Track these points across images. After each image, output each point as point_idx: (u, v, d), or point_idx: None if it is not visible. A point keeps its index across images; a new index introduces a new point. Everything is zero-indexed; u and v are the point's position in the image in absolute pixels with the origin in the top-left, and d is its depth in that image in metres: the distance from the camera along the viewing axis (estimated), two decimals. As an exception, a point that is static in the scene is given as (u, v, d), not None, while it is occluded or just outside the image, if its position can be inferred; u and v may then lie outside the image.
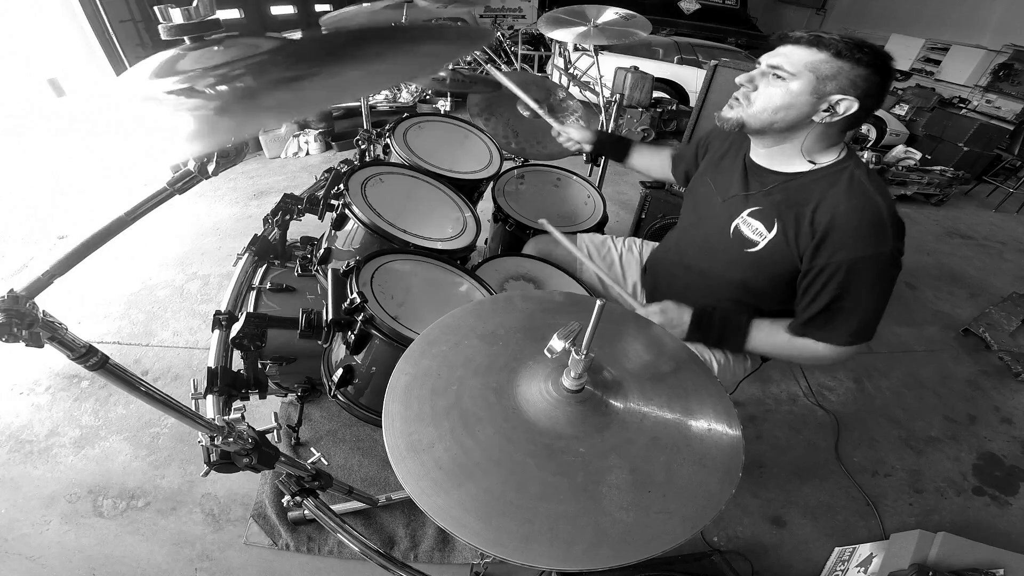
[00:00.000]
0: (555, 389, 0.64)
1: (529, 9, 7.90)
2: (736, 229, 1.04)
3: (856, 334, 0.94)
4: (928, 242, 3.79)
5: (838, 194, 0.91)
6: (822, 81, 0.88)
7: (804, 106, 0.90)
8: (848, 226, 0.88)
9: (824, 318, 0.95)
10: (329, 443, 1.65)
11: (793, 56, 0.89)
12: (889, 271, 0.90)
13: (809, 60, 0.88)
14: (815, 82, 0.88)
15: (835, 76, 0.87)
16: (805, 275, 0.95)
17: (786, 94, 0.90)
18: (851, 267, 0.89)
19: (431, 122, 1.59)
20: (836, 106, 0.89)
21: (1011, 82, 6.20)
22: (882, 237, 0.88)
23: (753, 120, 0.96)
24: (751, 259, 1.02)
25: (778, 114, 0.92)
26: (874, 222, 0.88)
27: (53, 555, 1.35)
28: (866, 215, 0.88)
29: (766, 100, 0.93)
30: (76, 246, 0.76)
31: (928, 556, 1.28)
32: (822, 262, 0.91)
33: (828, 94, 0.88)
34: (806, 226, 0.93)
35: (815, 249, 0.92)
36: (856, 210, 0.89)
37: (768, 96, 0.93)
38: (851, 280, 0.90)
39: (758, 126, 0.96)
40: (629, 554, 0.52)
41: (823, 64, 0.87)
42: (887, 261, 0.89)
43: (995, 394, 2.27)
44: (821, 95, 0.88)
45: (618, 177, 3.93)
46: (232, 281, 1.23)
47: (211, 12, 0.53)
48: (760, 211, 1.01)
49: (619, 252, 1.45)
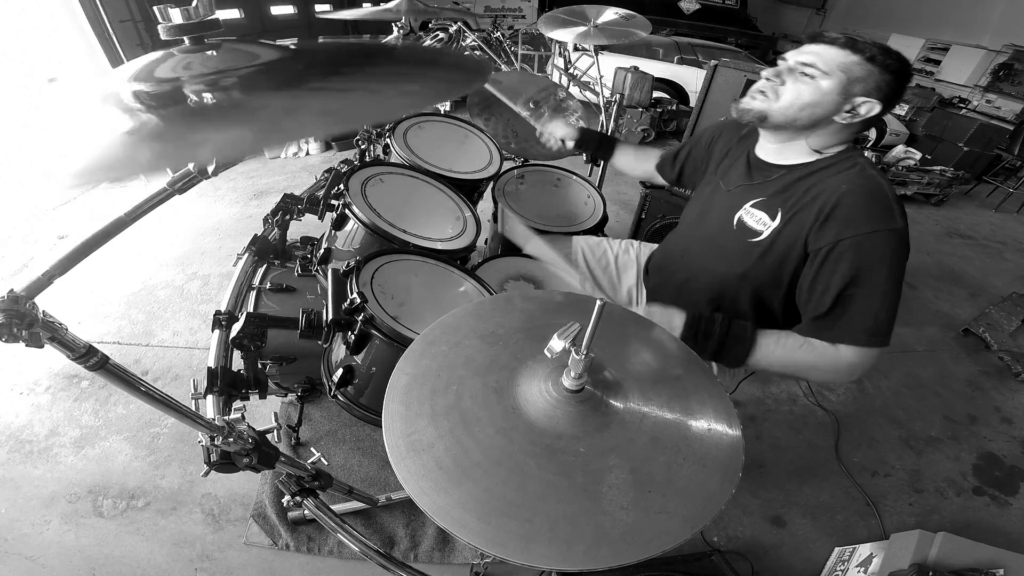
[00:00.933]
0: (555, 389, 0.64)
1: (529, 9, 7.91)
2: (739, 220, 1.03)
3: (874, 331, 0.87)
4: (928, 242, 3.79)
5: (842, 177, 0.91)
6: (852, 83, 0.88)
7: (830, 105, 0.91)
8: (855, 203, 0.88)
9: (837, 311, 0.89)
10: (329, 443, 1.65)
11: (826, 55, 0.90)
12: (900, 250, 0.87)
13: (843, 61, 0.88)
14: (845, 83, 0.89)
15: (864, 79, 0.88)
16: (813, 259, 0.92)
17: (815, 92, 0.91)
18: (861, 245, 0.86)
19: (431, 122, 1.59)
20: (859, 108, 0.90)
21: (1011, 82, 6.20)
22: (890, 214, 0.87)
23: (778, 114, 0.95)
24: (755, 250, 1.01)
25: (804, 111, 0.93)
26: (880, 200, 0.88)
27: (53, 555, 1.35)
28: (873, 194, 0.88)
29: (794, 96, 0.93)
30: (76, 246, 0.76)
31: (928, 556, 1.28)
32: (830, 239, 0.88)
33: (854, 95, 0.89)
34: (811, 209, 0.92)
35: (821, 227, 0.90)
36: (862, 189, 0.88)
37: (797, 92, 0.93)
38: (862, 260, 0.86)
39: (781, 121, 0.96)
40: (629, 554, 0.52)
41: (856, 67, 0.88)
42: (898, 239, 0.86)
43: (995, 394, 2.27)
44: (848, 96, 0.89)
45: (618, 177, 3.92)
46: (232, 281, 1.23)
47: (211, 12, 0.53)
48: (763, 201, 1.01)
49: (615, 254, 1.45)
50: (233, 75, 0.48)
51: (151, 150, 0.37)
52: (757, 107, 0.97)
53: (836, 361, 0.90)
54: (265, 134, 0.40)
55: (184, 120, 0.43)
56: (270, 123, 0.41)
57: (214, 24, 0.54)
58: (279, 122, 0.41)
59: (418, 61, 0.62)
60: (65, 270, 0.72)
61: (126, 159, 0.36)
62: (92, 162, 0.36)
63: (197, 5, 0.52)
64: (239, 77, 0.48)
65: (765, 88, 0.97)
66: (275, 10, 5.91)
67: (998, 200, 4.69)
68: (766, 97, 0.96)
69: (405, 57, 0.63)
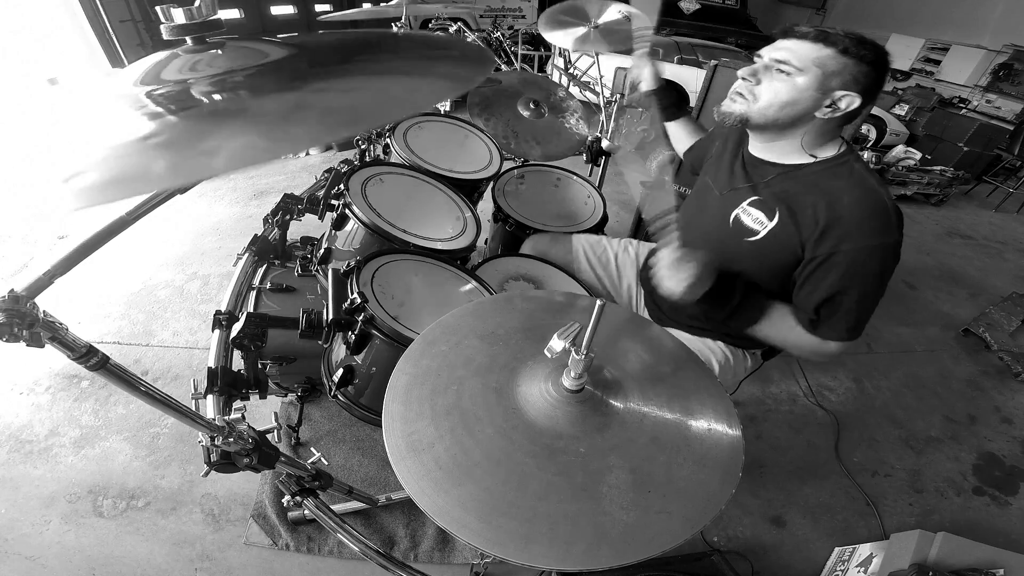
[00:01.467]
0: (555, 389, 0.64)
1: (529, 9, 7.90)
2: (736, 218, 1.04)
3: (852, 330, 0.94)
4: (928, 242, 3.79)
5: (840, 185, 0.91)
6: (828, 77, 0.88)
7: (808, 101, 0.90)
8: (853, 216, 0.88)
9: (824, 313, 0.95)
10: (329, 443, 1.65)
11: (799, 51, 0.89)
12: (891, 262, 0.90)
13: (816, 56, 0.88)
14: (821, 78, 0.88)
15: (840, 72, 0.87)
16: (807, 264, 0.94)
17: (792, 89, 0.90)
18: (857, 257, 0.88)
19: (431, 122, 1.59)
20: (839, 102, 0.89)
21: (1011, 82, 6.21)
22: (888, 228, 0.88)
23: (758, 116, 0.95)
24: (751, 249, 1.01)
25: (783, 110, 0.92)
26: (879, 213, 0.88)
27: (53, 555, 1.35)
28: (871, 206, 0.89)
29: (772, 95, 0.93)
30: (76, 246, 0.76)
31: (928, 556, 1.28)
32: (827, 250, 0.90)
33: (832, 90, 0.89)
34: (809, 216, 0.92)
35: (819, 237, 0.91)
36: (861, 200, 0.89)
37: (774, 91, 0.92)
38: (856, 271, 0.89)
39: (762, 121, 0.96)
40: (629, 554, 0.52)
41: (829, 60, 0.87)
42: (891, 252, 0.89)
43: (995, 394, 2.27)
44: (826, 91, 0.89)
45: (618, 177, 3.91)
46: (232, 281, 1.23)
47: (213, 12, 0.53)
48: (760, 201, 1.01)
49: (615, 252, 1.45)
50: (239, 74, 0.48)
51: (165, 160, 0.36)
52: (737, 110, 0.97)
53: (819, 349, 0.99)
54: (276, 141, 0.39)
55: (195, 125, 0.42)
56: (280, 128, 0.41)
57: (217, 24, 0.54)
58: (288, 128, 0.41)
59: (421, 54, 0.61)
60: (65, 270, 0.72)
61: (140, 171, 0.35)
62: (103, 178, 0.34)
63: (200, 5, 0.52)
64: (245, 76, 0.48)
65: (742, 89, 0.97)
66: (275, 10, 5.91)
67: (998, 200, 4.70)
68: (744, 99, 0.96)
69: (409, 47, 0.63)
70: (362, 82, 0.51)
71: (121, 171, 0.35)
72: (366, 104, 0.46)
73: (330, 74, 0.53)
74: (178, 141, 0.39)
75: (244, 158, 0.36)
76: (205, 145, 0.38)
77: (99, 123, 0.45)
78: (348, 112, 0.44)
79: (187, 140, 0.40)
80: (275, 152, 0.37)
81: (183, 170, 0.37)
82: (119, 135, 0.41)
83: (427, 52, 0.61)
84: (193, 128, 0.42)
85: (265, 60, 0.51)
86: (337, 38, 0.66)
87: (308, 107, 0.45)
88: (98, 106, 0.47)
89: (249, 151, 0.37)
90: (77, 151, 0.41)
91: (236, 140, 0.39)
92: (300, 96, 0.48)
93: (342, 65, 0.55)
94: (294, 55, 0.53)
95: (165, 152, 0.38)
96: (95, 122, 0.45)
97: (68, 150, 0.41)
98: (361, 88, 0.49)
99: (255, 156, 0.36)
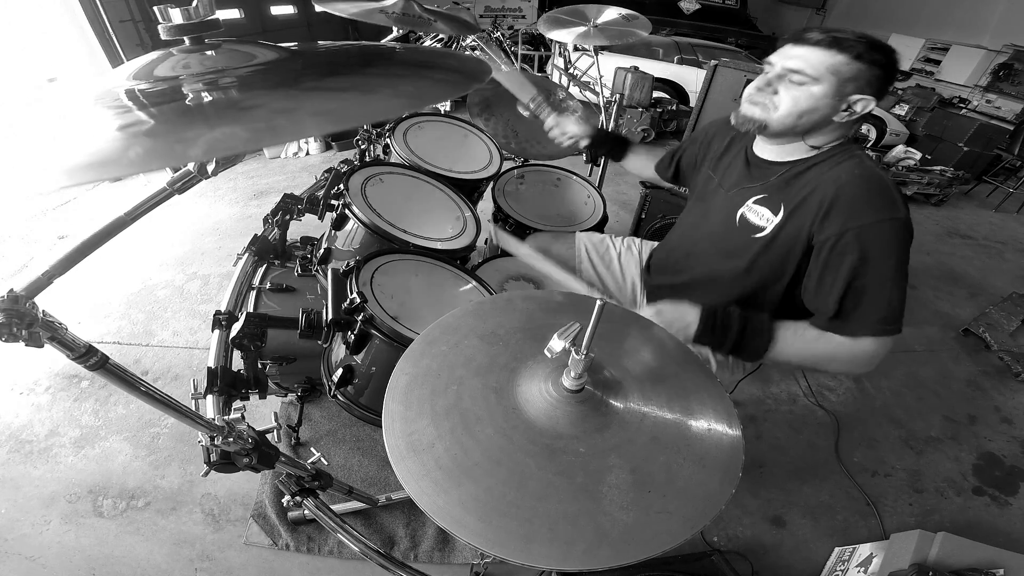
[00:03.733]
0: (555, 389, 0.64)
1: (529, 9, 7.90)
2: (742, 217, 1.04)
3: (886, 320, 0.87)
4: (928, 242, 3.78)
5: (842, 168, 0.92)
6: (844, 84, 0.88)
7: (827, 108, 0.90)
8: (856, 193, 0.88)
9: (850, 305, 0.89)
10: (329, 443, 1.65)
11: (812, 59, 0.88)
12: (905, 238, 0.87)
13: (830, 63, 0.87)
14: (837, 84, 0.88)
15: (855, 78, 0.87)
16: (819, 252, 0.92)
17: (810, 98, 0.90)
18: (867, 234, 0.86)
19: (431, 122, 1.59)
20: (855, 105, 0.89)
21: (1011, 82, 6.20)
22: (894, 203, 0.87)
23: (777, 124, 0.95)
24: (759, 244, 1.01)
25: (803, 118, 0.92)
26: (882, 190, 0.88)
27: (53, 555, 1.35)
28: (873, 183, 0.88)
29: (791, 104, 0.92)
30: (76, 246, 0.76)
31: (928, 556, 1.28)
32: (835, 231, 0.88)
33: (848, 95, 0.88)
34: (813, 201, 0.92)
35: (824, 217, 0.90)
36: (862, 179, 0.89)
37: (793, 100, 0.91)
38: (869, 251, 0.86)
39: (781, 129, 0.95)
40: (629, 554, 0.52)
41: (843, 67, 0.87)
42: (902, 227, 0.86)
43: (995, 394, 2.27)
44: (842, 96, 0.89)
45: (618, 177, 3.92)
46: (232, 281, 1.23)
47: (211, 12, 0.53)
48: (765, 198, 1.01)
49: (618, 251, 1.45)
50: (231, 74, 0.48)
51: (142, 146, 0.37)
52: (758, 116, 0.96)
53: (854, 351, 0.90)
54: (259, 133, 0.39)
55: (178, 118, 0.43)
56: (264, 121, 0.41)
57: (214, 24, 0.54)
58: (273, 120, 0.41)
59: (417, 64, 0.61)
60: (65, 270, 0.72)
61: (117, 156, 0.35)
62: (83, 159, 0.35)
63: (197, 5, 0.52)
64: (237, 77, 0.48)
65: (761, 98, 0.96)
66: (275, 10, 5.90)
67: (998, 200, 4.69)
68: (765, 107, 0.95)
69: (404, 60, 0.63)
70: (354, 82, 0.51)
71: (96, 155, 0.35)
72: (355, 103, 0.46)
73: (323, 75, 0.53)
74: (158, 130, 0.40)
75: (222, 147, 0.37)
76: (186, 134, 0.39)
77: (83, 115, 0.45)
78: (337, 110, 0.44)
79: (167, 129, 0.40)
80: (255, 142, 0.38)
81: (158, 156, 0.37)
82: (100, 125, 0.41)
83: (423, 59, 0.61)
84: (177, 120, 0.42)
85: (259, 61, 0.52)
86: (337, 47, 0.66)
87: (297, 102, 0.46)
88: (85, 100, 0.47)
89: (228, 140, 0.37)
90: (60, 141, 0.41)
91: (216, 130, 0.39)
92: (290, 93, 0.48)
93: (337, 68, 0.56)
94: (288, 58, 0.53)
95: (144, 139, 0.38)
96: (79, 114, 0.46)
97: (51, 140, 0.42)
98: (352, 88, 0.50)
99: (234, 145, 0.37)
